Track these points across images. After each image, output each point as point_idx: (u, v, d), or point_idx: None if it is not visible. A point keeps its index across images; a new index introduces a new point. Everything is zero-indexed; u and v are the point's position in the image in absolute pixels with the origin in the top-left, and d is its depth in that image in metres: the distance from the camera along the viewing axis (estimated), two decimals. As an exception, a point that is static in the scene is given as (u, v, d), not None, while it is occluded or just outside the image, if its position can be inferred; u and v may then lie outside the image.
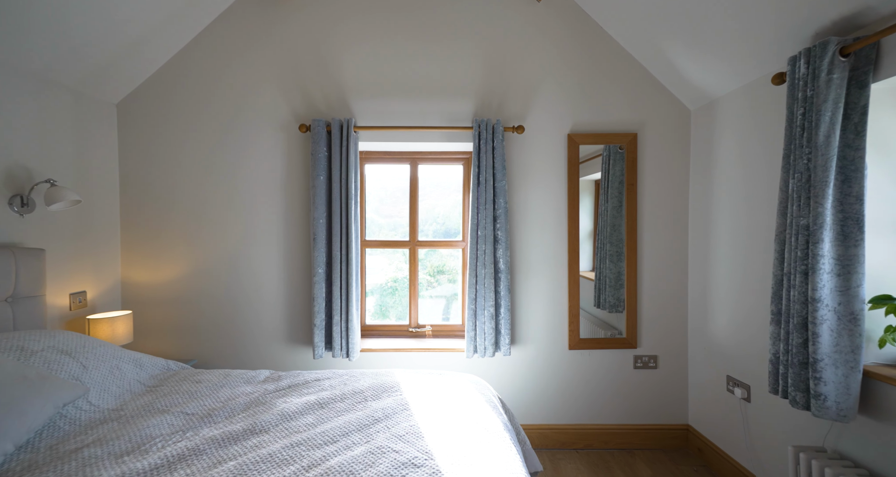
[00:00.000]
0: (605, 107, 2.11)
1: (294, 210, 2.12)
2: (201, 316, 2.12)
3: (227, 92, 2.09)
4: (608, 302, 2.23)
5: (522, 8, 2.08)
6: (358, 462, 0.99)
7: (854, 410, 1.24)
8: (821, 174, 1.28)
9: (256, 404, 1.32)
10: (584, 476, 1.90)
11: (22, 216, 1.61)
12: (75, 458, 1.00)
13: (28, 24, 1.46)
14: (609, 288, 2.22)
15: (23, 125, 1.61)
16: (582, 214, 2.20)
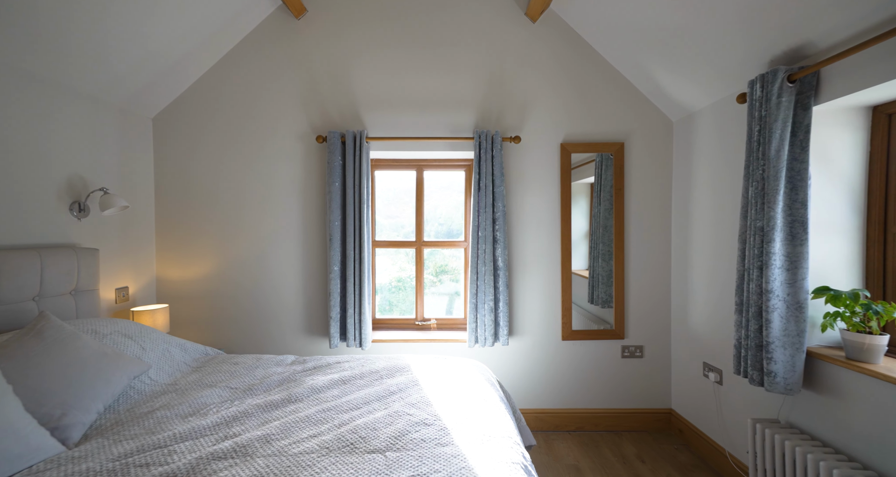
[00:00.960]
0: (594, 118, 2.35)
1: (311, 213, 2.37)
2: (227, 309, 2.37)
3: (251, 106, 2.34)
4: (601, 298, 2.46)
5: (520, 29, 2.33)
6: (380, 422, 1.24)
7: (799, 385, 1.47)
8: (773, 183, 1.51)
9: (288, 381, 1.57)
10: (575, 454, 2.14)
11: (79, 220, 1.87)
12: (150, 417, 1.25)
13: (84, 54, 1.72)
14: (601, 285, 2.45)
15: (79, 141, 1.87)
16: (578, 216, 2.44)
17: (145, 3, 1.72)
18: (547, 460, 2.08)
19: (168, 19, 1.87)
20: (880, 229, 1.49)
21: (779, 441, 1.50)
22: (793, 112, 1.50)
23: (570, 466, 2.03)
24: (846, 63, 1.37)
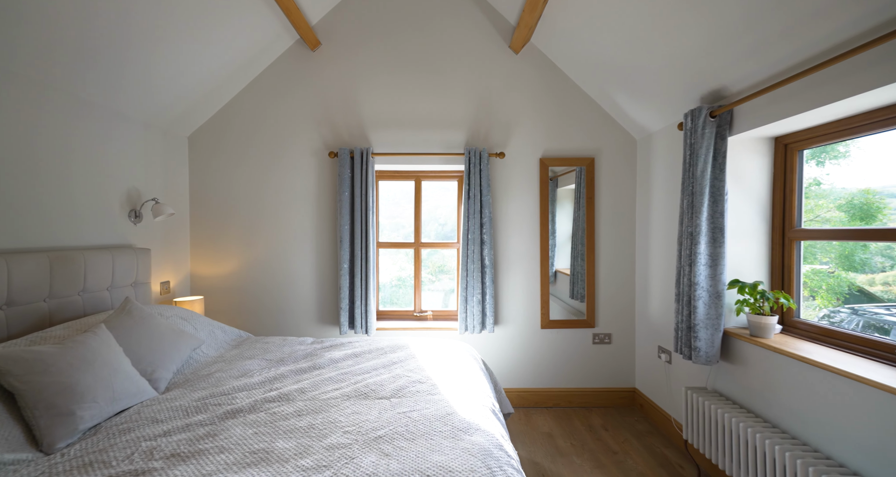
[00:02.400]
0: (569, 136, 2.78)
1: (323, 219, 2.80)
2: (251, 301, 2.81)
3: (273, 126, 2.77)
4: (580, 293, 2.89)
5: (504, 60, 2.76)
6: (385, 381, 1.67)
7: (717, 357, 1.90)
8: (699, 197, 1.94)
9: (311, 355, 2.00)
10: (549, 425, 2.57)
11: (135, 225, 2.30)
12: (210, 378, 1.68)
13: (139, 87, 2.15)
14: (580, 281, 2.88)
15: (134, 159, 2.30)
16: (564, 219, 2.86)
17: (192, 43, 2.15)
18: (525, 429, 2.51)
19: (210, 55, 2.30)
20: (780, 234, 1.92)
21: (702, 403, 1.92)
22: (714, 141, 1.92)
23: (544, 434, 2.45)
24: (751, 104, 1.80)
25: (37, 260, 1.64)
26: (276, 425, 1.28)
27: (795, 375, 1.57)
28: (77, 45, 1.70)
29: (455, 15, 2.73)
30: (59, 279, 1.72)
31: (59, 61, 1.72)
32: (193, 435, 1.21)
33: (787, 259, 1.89)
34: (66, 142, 1.87)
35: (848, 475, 1.31)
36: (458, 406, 1.43)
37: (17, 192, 1.65)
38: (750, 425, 1.65)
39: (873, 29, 1.24)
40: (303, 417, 1.34)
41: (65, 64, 1.74)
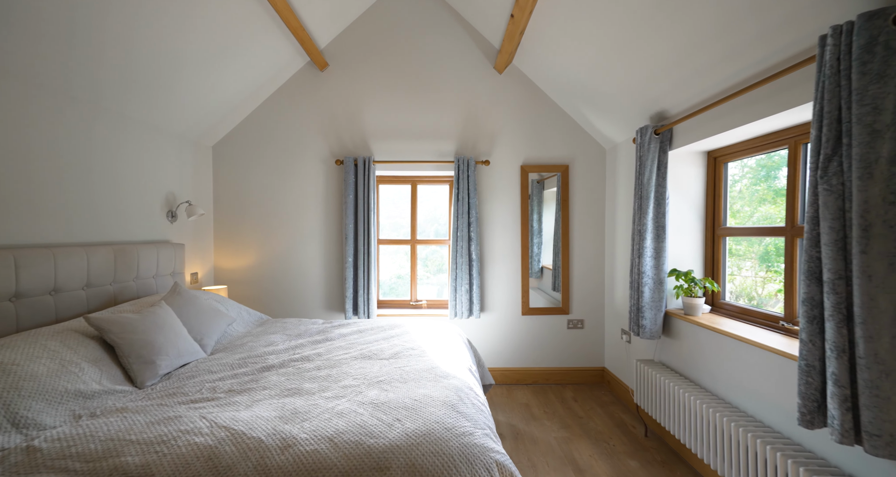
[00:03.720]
0: (547, 146, 3.22)
1: (331, 218, 3.25)
2: (267, 290, 3.25)
3: (286, 137, 3.22)
4: (559, 285, 3.33)
5: (489, 78, 3.20)
6: (385, 348, 2.11)
7: (659, 333, 2.34)
8: (646, 201, 2.38)
9: (323, 332, 2.44)
10: (527, 397, 3.01)
11: (171, 224, 2.75)
12: (243, 346, 2.12)
13: (177, 104, 2.60)
14: (560, 275, 3.32)
15: (171, 167, 2.75)
16: (549, 220, 3.29)
17: (222, 68, 2.60)
18: (507, 401, 2.95)
19: (235, 77, 2.75)
20: (711, 231, 2.36)
21: (648, 372, 2.36)
22: (658, 154, 2.36)
23: (522, 404, 2.90)
24: (686, 124, 2.24)
25: (105, 252, 2.08)
26: (302, 375, 1.73)
27: (713, 343, 2.01)
28: (123, 70, 2.15)
29: (446, 39, 3.17)
30: (120, 268, 2.17)
31: (108, 84, 2.17)
32: (241, 380, 1.66)
33: (716, 252, 2.34)
34: (115, 153, 2.31)
35: (745, 417, 1.74)
36: (441, 364, 1.87)
37: (85, 195, 2.10)
38: (682, 387, 2.08)
39: (770, 68, 1.68)
40: (321, 370, 1.79)
41: (113, 86, 2.19)
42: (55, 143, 1.91)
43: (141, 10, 1.89)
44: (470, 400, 1.52)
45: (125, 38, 1.95)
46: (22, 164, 1.75)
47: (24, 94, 1.75)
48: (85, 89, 2.03)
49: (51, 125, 1.89)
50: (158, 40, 2.10)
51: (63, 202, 1.96)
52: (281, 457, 1.12)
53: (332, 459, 1.12)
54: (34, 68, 1.75)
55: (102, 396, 1.42)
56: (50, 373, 1.32)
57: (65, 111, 1.96)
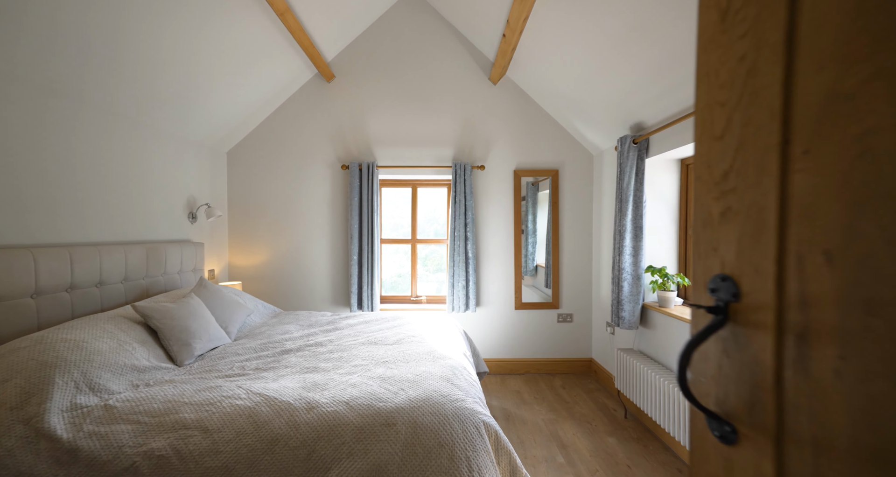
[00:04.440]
0: (538, 151, 3.49)
1: (337, 219, 3.52)
2: (277, 286, 3.52)
3: (295, 143, 3.49)
4: (551, 282, 3.60)
5: (485, 89, 3.47)
6: (389, 336, 2.38)
7: (637, 324, 2.61)
8: (625, 203, 2.65)
9: (332, 323, 2.71)
10: (519, 385, 3.28)
11: (192, 224, 3.02)
12: (262, 334, 2.40)
13: (199, 116, 2.87)
14: (551, 272, 3.59)
15: (192, 172, 3.02)
16: (543, 220, 3.56)
17: (240, 82, 2.87)
18: (500, 388, 3.22)
19: (250, 89, 3.02)
20: (684, 230, 2.63)
21: (627, 359, 2.63)
22: (636, 161, 2.63)
23: (514, 391, 3.17)
24: (661, 134, 2.51)
25: (139, 250, 2.36)
26: (317, 357, 2.00)
27: (684, 332, 2.28)
28: (157, 88, 2.43)
29: (445, 53, 3.44)
30: (151, 264, 2.45)
31: (145, 101, 2.44)
32: (265, 361, 1.93)
33: (689, 250, 2.61)
34: (147, 162, 2.59)
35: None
36: (438, 348, 2.14)
37: (123, 199, 2.37)
38: (656, 372, 2.35)
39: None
40: (334, 353, 2.06)
41: (149, 103, 2.46)
42: (100, 155, 2.19)
43: (180, 39, 2.16)
44: (463, 376, 1.79)
45: (162, 61, 2.23)
46: (71, 174, 2.02)
47: (74, 112, 2.03)
48: (127, 106, 2.30)
49: (98, 139, 2.16)
50: (188, 61, 2.37)
51: (106, 205, 2.23)
52: (307, 415, 1.39)
53: (349, 417, 1.39)
54: (84, 90, 2.02)
55: (151, 370, 1.69)
56: (111, 350, 1.60)
57: (109, 126, 2.23)
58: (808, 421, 0.38)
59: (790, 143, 0.40)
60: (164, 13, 2.02)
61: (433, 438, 1.35)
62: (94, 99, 2.12)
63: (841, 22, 0.35)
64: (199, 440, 1.29)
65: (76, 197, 2.05)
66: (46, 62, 1.79)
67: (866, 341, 0.33)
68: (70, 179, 2.02)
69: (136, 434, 1.28)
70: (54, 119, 1.93)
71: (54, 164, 1.93)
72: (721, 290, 0.50)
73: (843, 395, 0.35)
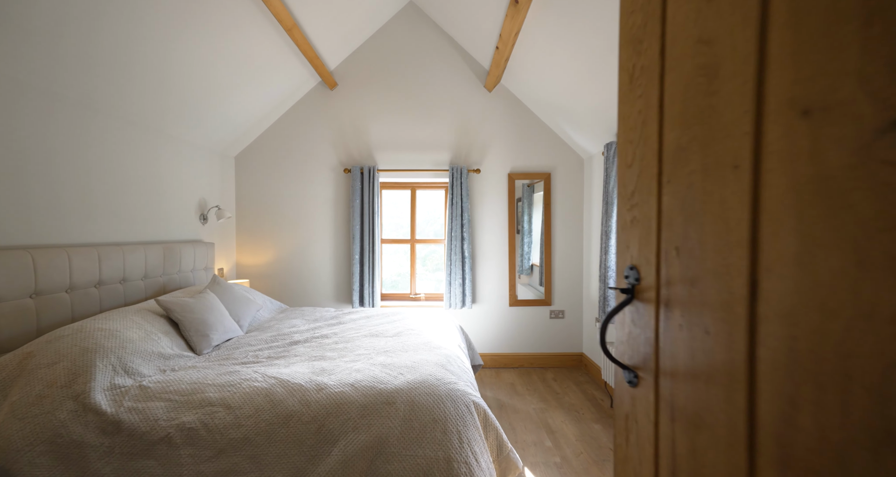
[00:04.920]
0: (531, 155, 3.68)
1: (339, 220, 3.71)
2: (283, 284, 3.72)
3: (300, 148, 3.69)
4: (545, 281, 3.79)
5: (480, 96, 3.66)
6: (389, 329, 2.57)
7: (620, 319, 2.80)
8: (611, 205, 2.84)
9: (336, 317, 2.91)
10: (513, 378, 3.47)
11: (203, 225, 3.22)
12: (271, 328, 2.59)
13: (211, 123, 3.06)
14: (544, 270, 3.78)
15: (203, 176, 3.22)
16: (538, 221, 3.75)
17: (250, 92, 3.07)
18: (495, 381, 3.42)
19: (258, 97, 3.22)
20: (665, 232, 2.82)
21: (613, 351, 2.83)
22: (620, 166, 2.83)
23: (508, 383, 3.36)
24: (642, 142, 2.69)
25: (157, 249, 2.55)
26: (324, 347, 2.19)
27: (658, 324, 2.47)
28: (174, 98, 2.62)
29: (442, 61, 3.64)
30: (168, 262, 2.64)
31: (165, 111, 2.64)
32: (276, 351, 2.13)
33: (668, 249, 2.80)
34: (165, 166, 2.78)
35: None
36: (435, 340, 2.34)
37: (144, 201, 2.57)
38: (635, 361, 2.55)
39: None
40: (339, 344, 2.26)
41: (161, 111, 2.66)
42: (123, 162, 2.38)
43: (195, 53, 2.36)
44: (456, 364, 1.98)
45: (179, 74, 2.42)
46: (98, 180, 2.22)
47: (103, 124, 2.22)
48: (147, 116, 2.50)
49: (121, 148, 2.36)
50: (202, 73, 2.57)
51: (128, 208, 2.42)
52: (317, 395, 1.58)
53: (354, 397, 1.58)
54: (110, 103, 2.22)
55: (175, 358, 1.88)
56: (140, 338, 1.79)
57: (130, 135, 2.43)
58: (669, 360, 0.57)
59: (662, 174, 0.60)
60: (183, 30, 2.22)
61: (428, 414, 1.54)
62: (119, 111, 2.31)
63: (679, 100, 0.55)
64: (223, 416, 1.48)
65: (104, 201, 2.25)
66: (81, 79, 1.98)
67: (691, 305, 0.52)
68: (98, 185, 2.21)
69: (169, 410, 1.48)
70: (87, 131, 2.12)
71: (86, 172, 2.13)
72: (630, 276, 0.70)
73: (683, 341, 0.54)
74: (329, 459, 1.44)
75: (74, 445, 1.36)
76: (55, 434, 1.36)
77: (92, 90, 2.09)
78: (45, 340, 1.59)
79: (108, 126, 2.28)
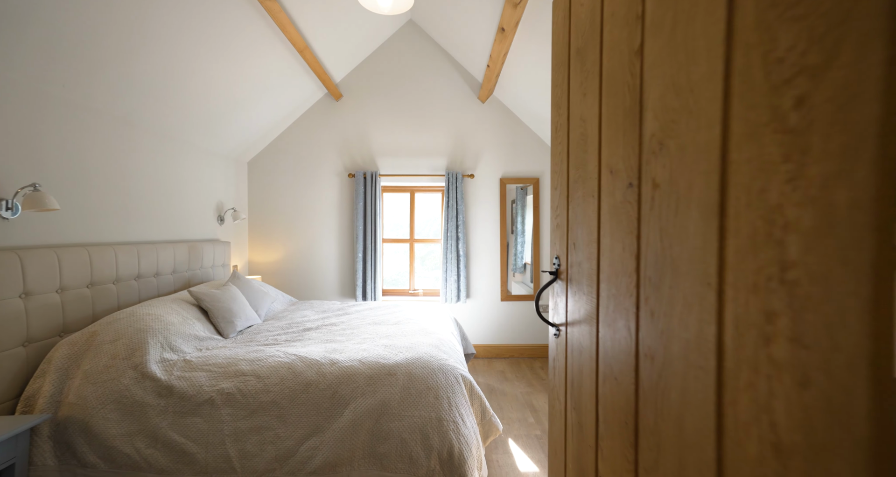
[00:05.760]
0: (521, 162, 4.02)
1: (344, 221, 4.05)
2: (291, 279, 4.06)
3: (307, 154, 4.02)
4: (534, 278, 4.12)
5: (474, 106, 4.00)
6: (390, 318, 2.91)
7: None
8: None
9: (342, 309, 3.25)
10: (504, 367, 3.81)
11: (220, 226, 3.56)
12: (285, 318, 2.93)
13: (226, 133, 3.40)
14: (533, 267, 4.11)
15: (220, 181, 3.56)
16: (529, 222, 4.09)
17: (264, 104, 3.41)
18: (487, 369, 3.75)
19: (270, 109, 3.56)
20: (638, 233, 3.16)
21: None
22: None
23: (499, 371, 3.70)
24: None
25: (183, 248, 2.89)
26: (333, 333, 2.53)
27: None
28: (193, 110, 2.96)
29: (439, 75, 3.97)
30: (192, 259, 2.98)
31: (182, 122, 2.98)
32: (291, 335, 2.46)
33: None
34: (187, 173, 3.12)
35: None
36: (430, 327, 2.68)
37: (172, 204, 2.91)
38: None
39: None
40: (346, 331, 2.59)
41: (187, 123, 3.00)
42: (154, 169, 2.73)
43: (219, 72, 2.70)
44: (448, 346, 2.32)
45: (204, 91, 2.76)
46: (135, 186, 2.56)
47: (137, 136, 2.56)
48: (173, 128, 2.84)
49: (152, 157, 2.70)
50: (224, 89, 2.91)
51: (159, 210, 2.76)
52: (331, 368, 1.92)
53: (361, 370, 1.92)
54: (143, 117, 2.56)
55: (207, 340, 2.22)
56: (179, 322, 2.13)
57: (159, 146, 2.77)
58: (571, 316, 0.91)
59: (569, 196, 0.93)
60: (206, 54, 2.56)
61: (423, 383, 1.88)
62: (151, 125, 2.65)
63: (574, 151, 0.88)
64: (254, 383, 1.82)
65: (140, 204, 2.59)
66: (122, 99, 2.32)
67: (580, 278, 0.86)
68: (135, 190, 2.55)
69: (210, 378, 1.82)
70: (126, 143, 2.46)
71: (126, 178, 2.47)
72: (556, 263, 1.03)
73: (577, 302, 0.88)
74: (342, 419, 1.77)
75: (136, 404, 1.70)
76: (121, 395, 1.70)
77: (130, 109, 2.42)
78: (104, 321, 1.93)
79: (142, 138, 2.62)
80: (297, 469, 1.71)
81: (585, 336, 0.82)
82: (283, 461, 1.72)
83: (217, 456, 1.68)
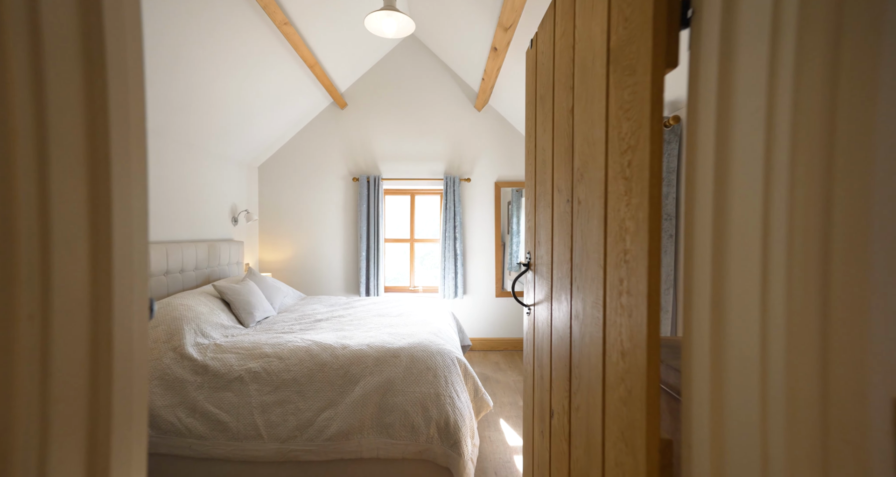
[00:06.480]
0: (515, 166, 4.31)
1: (348, 222, 4.34)
2: (299, 277, 4.34)
3: (314, 159, 4.31)
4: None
5: (470, 114, 4.29)
6: (393, 311, 3.20)
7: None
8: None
9: (348, 303, 3.53)
10: (498, 359, 4.10)
11: (234, 226, 3.85)
12: (296, 311, 3.22)
13: (240, 141, 3.69)
14: None
15: (234, 184, 3.84)
16: (524, 223, 4.37)
17: (274, 113, 3.69)
18: (483, 360, 4.04)
19: (281, 117, 3.84)
20: (621, 233, 3.45)
21: (576, 331, 3.46)
22: (585, 178, 3.45)
23: (493, 362, 3.99)
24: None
25: (204, 246, 3.18)
26: (342, 323, 2.82)
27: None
28: (212, 121, 3.25)
29: (438, 84, 4.26)
30: (211, 257, 3.27)
31: (203, 132, 3.27)
32: (305, 325, 2.75)
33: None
34: (206, 178, 3.41)
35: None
36: (430, 319, 2.96)
37: (193, 208, 3.19)
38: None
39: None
40: (353, 322, 2.88)
41: (207, 133, 3.29)
42: (179, 175, 3.01)
43: (236, 87, 2.99)
44: (445, 334, 2.61)
45: (223, 104, 3.05)
46: (163, 190, 2.84)
47: (165, 146, 2.85)
48: (194, 137, 3.13)
49: (177, 164, 2.99)
50: (240, 102, 3.20)
51: (182, 212, 3.05)
52: (342, 351, 2.20)
53: (369, 353, 2.20)
54: (171, 129, 2.85)
55: (230, 328, 2.51)
56: (208, 312, 2.42)
57: (183, 154, 3.06)
58: (537, 295, 1.20)
59: (536, 204, 1.22)
60: (227, 72, 2.84)
61: (423, 364, 2.17)
62: (176, 135, 2.94)
63: (537, 170, 1.17)
64: (276, 364, 2.11)
65: (168, 206, 2.87)
66: (153, 112, 2.61)
67: (542, 268, 1.15)
68: (164, 194, 2.84)
69: (239, 359, 2.10)
70: (154, 152, 2.75)
71: (155, 184, 2.75)
72: (528, 257, 1.32)
73: (539, 286, 1.16)
74: (353, 394, 2.06)
75: (177, 380, 1.99)
76: (163, 373, 1.99)
77: (162, 122, 2.71)
78: (144, 311, 2.21)
79: (169, 147, 2.91)
80: (315, 436, 1.99)
81: (545, 310, 1.11)
82: (303, 430, 2.00)
83: (247, 424, 1.97)
